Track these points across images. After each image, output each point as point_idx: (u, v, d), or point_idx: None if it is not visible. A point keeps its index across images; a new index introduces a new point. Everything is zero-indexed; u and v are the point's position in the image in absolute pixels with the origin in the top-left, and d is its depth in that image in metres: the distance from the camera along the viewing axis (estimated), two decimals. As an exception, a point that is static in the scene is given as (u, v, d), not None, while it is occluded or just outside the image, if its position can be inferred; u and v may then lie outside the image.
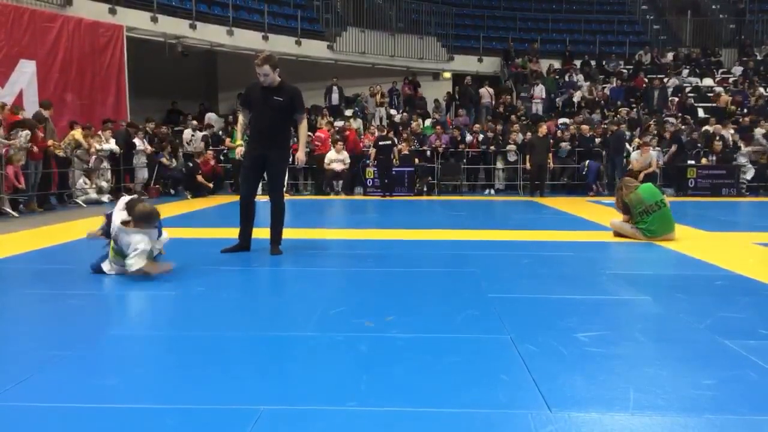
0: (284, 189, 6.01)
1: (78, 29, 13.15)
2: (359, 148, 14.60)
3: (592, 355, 2.96)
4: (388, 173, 13.50)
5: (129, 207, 4.70)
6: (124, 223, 4.56)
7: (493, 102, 18.68)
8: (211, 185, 13.26)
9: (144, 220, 4.61)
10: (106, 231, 4.77)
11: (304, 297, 4.28)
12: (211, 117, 17.03)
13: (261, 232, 5.86)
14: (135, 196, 4.85)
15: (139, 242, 4.51)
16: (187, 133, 14.23)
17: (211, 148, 14.22)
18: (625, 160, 13.79)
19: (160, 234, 4.84)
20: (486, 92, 18.89)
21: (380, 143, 13.56)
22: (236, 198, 12.57)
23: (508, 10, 23.86)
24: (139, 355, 3.08)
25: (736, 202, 12.58)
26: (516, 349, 3.02)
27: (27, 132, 9.71)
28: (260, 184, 6.33)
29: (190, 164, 13.33)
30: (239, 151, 5.76)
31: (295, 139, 7.91)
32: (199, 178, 13.05)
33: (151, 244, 4.62)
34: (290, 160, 7.16)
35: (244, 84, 6.02)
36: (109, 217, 4.77)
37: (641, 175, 12.29)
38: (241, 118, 6.04)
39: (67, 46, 12.83)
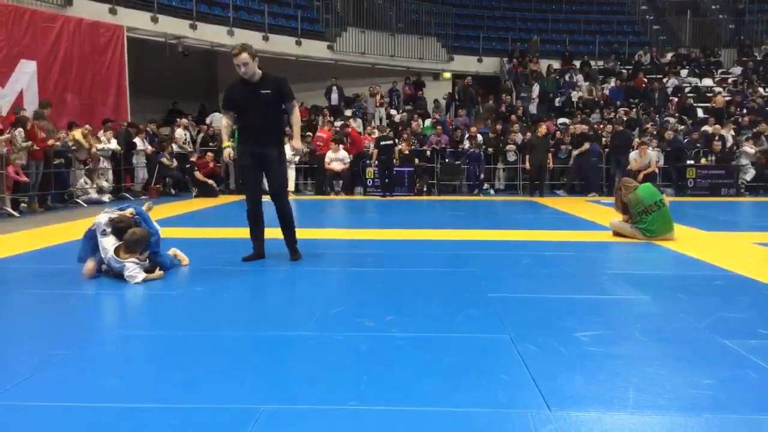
0: (288, 190, 5.67)
1: (78, 29, 13.14)
2: (361, 147, 14.59)
3: (592, 355, 2.96)
4: (389, 173, 13.50)
5: (116, 230, 4.66)
6: (117, 251, 4.56)
7: (481, 108, 18.77)
8: (213, 183, 13.21)
9: (135, 245, 4.57)
10: (99, 259, 4.72)
11: (304, 297, 4.28)
12: (215, 117, 16.94)
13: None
14: (116, 215, 4.79)
15: (133, 269, 4.53)
16: (180, 133, 14.19)
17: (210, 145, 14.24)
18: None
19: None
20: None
21: (382, 143, 13.56)
22: (236, 198, 12.61)
23: (508, 10, 23.87)
24: (139, 355, 3.08)
25: (736, 202, 12.58)
26: (516, 349, 3.02)
27: (20, 129, 9.66)
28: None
29: (187, 165, 13.35)
30: (227, 153, 5.51)
31: (289, 129, 7.65)
32: (197, 174, 13.04)
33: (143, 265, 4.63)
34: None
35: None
36: (93, 243, 4.72)
37: (640, 175, 12.30)
38: (224, 120, 5.50)
39: (67, 46, 12.82)
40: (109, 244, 4.60)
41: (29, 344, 3.18)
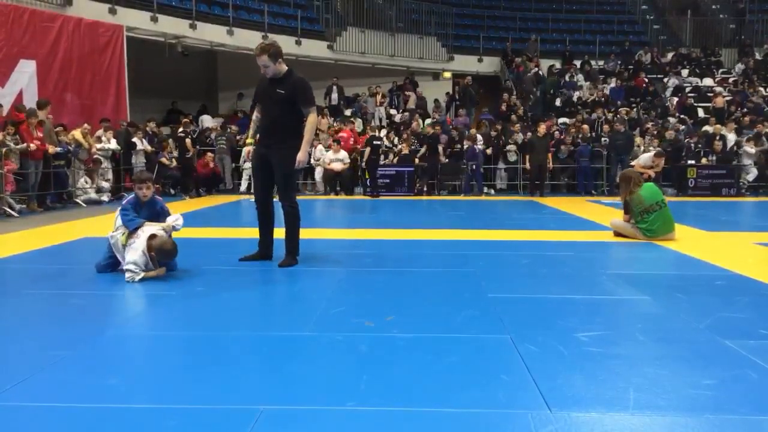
0: (293, 193, 5.33)
1: (78, 29, 13.14)
2: (359, 147, 14.60)
3: (592, 355, 2.96)
4: (376, 173, 13.48)
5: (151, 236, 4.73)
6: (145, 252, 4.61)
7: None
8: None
9: (162, 254, 4.64)
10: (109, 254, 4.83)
11: (304, 297, 4.28)
12: (204, 119, 16.92)
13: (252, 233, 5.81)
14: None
15: (132, 267, 4.56)
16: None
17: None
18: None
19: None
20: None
21: (374, 142, 13.57)
22: (235, 198, 12.60)
23: (508, 10, 23.88)
24: (139, 355, 3.08)
25: (736, 202, 12.57)
26: (516, 349, 3.02)
27: (2, 133, 9.59)
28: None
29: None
30: (246, 152, 5.34)
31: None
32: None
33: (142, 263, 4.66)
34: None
35: (244, 84, 5.85)
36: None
37: (645, 174, 12.21)
38: (254, 114, 5.38)
39: (67, 46, 12.82)
40: (138, 244, 4.61)
41: (29, 344, 3.17)
